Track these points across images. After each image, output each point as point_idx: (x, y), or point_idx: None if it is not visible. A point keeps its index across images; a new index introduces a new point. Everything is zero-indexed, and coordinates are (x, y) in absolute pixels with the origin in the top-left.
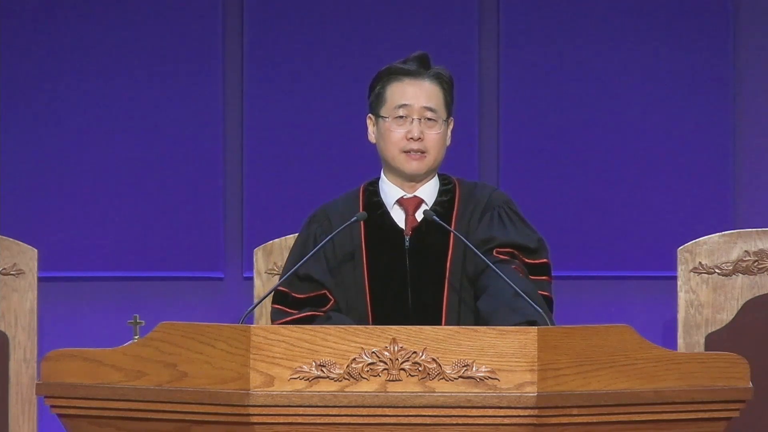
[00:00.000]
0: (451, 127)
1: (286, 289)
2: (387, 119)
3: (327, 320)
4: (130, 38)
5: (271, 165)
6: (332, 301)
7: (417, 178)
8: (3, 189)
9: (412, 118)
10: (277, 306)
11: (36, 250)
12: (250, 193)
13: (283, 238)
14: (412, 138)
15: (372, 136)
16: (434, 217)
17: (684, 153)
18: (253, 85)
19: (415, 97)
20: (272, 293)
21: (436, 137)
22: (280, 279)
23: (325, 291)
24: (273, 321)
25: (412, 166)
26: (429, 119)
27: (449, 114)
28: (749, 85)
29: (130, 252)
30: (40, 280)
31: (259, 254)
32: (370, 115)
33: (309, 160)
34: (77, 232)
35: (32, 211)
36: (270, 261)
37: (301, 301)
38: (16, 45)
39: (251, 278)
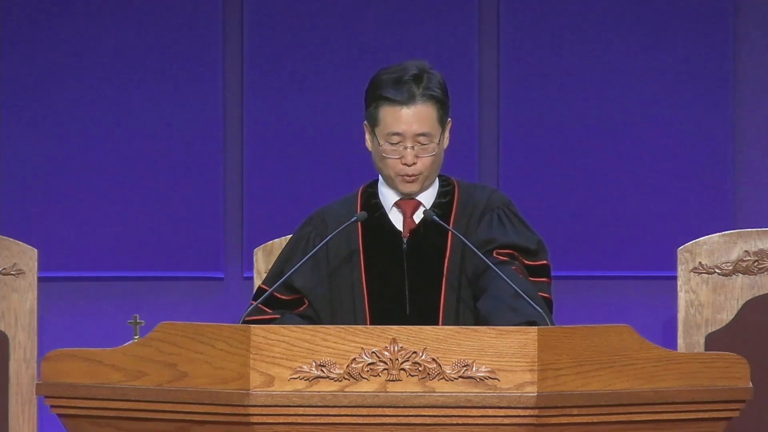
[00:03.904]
0: (448, 127)
1: (267, 288)
2: (381, 145)
3: (279, 321)
4: (130, 38)
5: (271, 165)
6: (305, 305)
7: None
8: (3, 189)
9: (405, 145)
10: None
11: (36, 250)
12: (250, 193)
13: (283, 238)
14: (405, 164)
15: (369, 143)
16: (434, 217)
17: (684, 153)
18: (253, 85)
19: (407, 124)
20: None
21: (429, 160)
22: (266, 276)
23: (302, 296)
24: (248, 316)
25: (407, 188)
26: (423, 144)
27: (444, 124)
28: (749, 85)
29: (130, 252)
30: (40, 280)
31: (259, 254)
32: (366, 123)
33: (309, 161)
34: (77, 232)
35: (32, 211)
36: (270, 261)
37: (279, 301)
38: (16, 45)
39: (251, 278)
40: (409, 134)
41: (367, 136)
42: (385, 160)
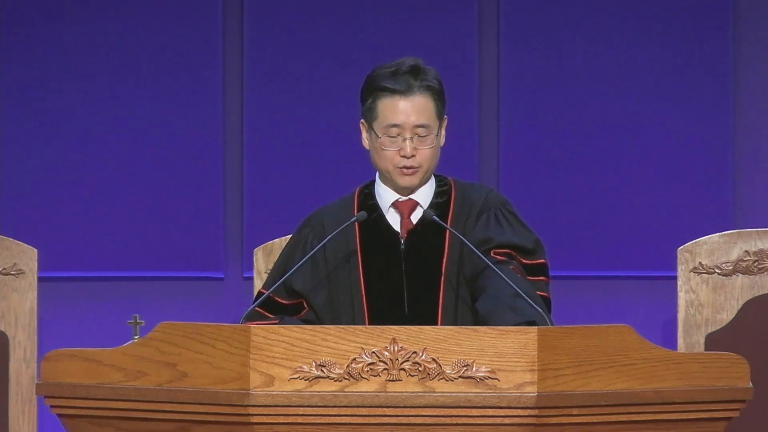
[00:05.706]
0: (444, 124)
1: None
2: (380, 137)
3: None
4: (130, 38)
5: (271, 165)
6: (306, 310)
7: (412, 189)
8: (3, 189)
9: (404, 137)
10: (258, 309)
11: (36, 250)
12: (250, 193)
13: (283, 238)
14: (404, 156)
15: (365, 142)
16: (434, 217)
17: (684, 153)
18: (253, 85)
19: (406, 115)
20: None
21: (428, 152)
22: (266, 279)
23: (302, 301)
24: (248, 320)
25: (406, 180)
26: (421, 135)
27: (441, 118)
28: (749, 85)
29: (130, 252)
30: (40, 280)
31: (259, 254)
32: (362, 121)
33: (309, 161)
34: (77, 232)
35: (32, 211)
36: (270, 261)
37: (280, 306)
38: (16, 45)
39: (251, 278)
40: (407, 125)
41: (364, 134)
42: (384, 152)
